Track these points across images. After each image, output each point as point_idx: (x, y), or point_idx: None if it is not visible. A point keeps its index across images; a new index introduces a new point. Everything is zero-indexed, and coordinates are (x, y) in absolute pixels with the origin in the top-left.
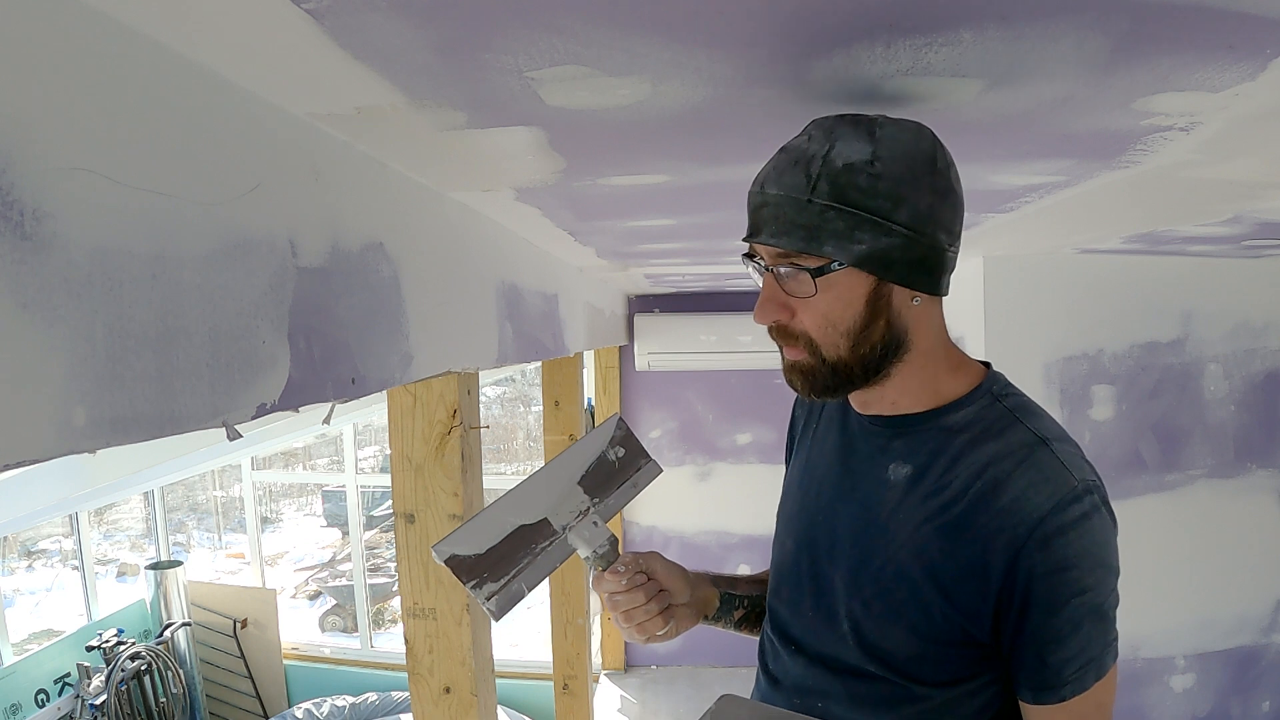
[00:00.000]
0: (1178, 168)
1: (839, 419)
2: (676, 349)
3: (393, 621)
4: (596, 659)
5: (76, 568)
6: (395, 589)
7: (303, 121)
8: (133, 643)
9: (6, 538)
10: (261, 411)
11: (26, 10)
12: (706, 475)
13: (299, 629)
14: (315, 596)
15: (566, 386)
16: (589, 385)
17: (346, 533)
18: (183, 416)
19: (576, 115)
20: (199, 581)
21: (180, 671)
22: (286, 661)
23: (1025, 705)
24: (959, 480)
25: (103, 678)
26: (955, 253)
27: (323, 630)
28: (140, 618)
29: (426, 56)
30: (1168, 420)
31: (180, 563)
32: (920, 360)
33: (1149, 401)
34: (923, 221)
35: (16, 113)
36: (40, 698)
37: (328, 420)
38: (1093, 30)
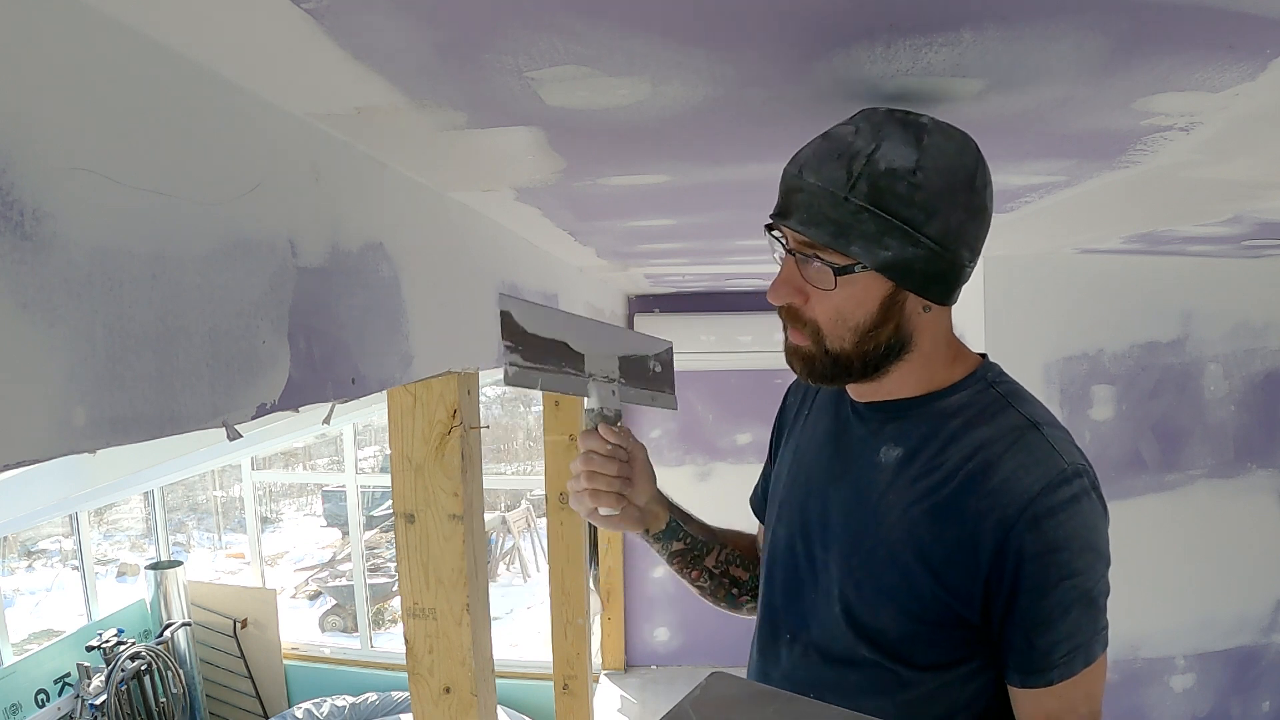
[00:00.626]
0: (1178, 168)
1: (832, 406)
2: (676, 349)
3: (393, 621)
4: (596, 659)
5: (76, 568)
6: (395, 589)
7: (303, 121)
8: (133, 643)
9: (6, 538)
10: (261, 411)
11: (27, 10)
12: (706, 475)
13: (299, 629)
14: (315, 596)
15: None
16: None
17: (346, 533)
18: (183, 416)
19: (576, 115)
20: (199, 581)
21: (180, 671)
22: (286, 661)
23: (1014, 690)
24: (950, 462)
25: (103, 678)
26: (973, 268)
27: (323, 630)
28: (140, 618)
29: (426, 56)
30: (1168, 420)
31: (180, 563)
32: (920, 360)
33: (1149, 401)
34: (951, 238)
35: (16, 113)
36: (40, 698)
37: (328, 420)
38: (1093, 30)
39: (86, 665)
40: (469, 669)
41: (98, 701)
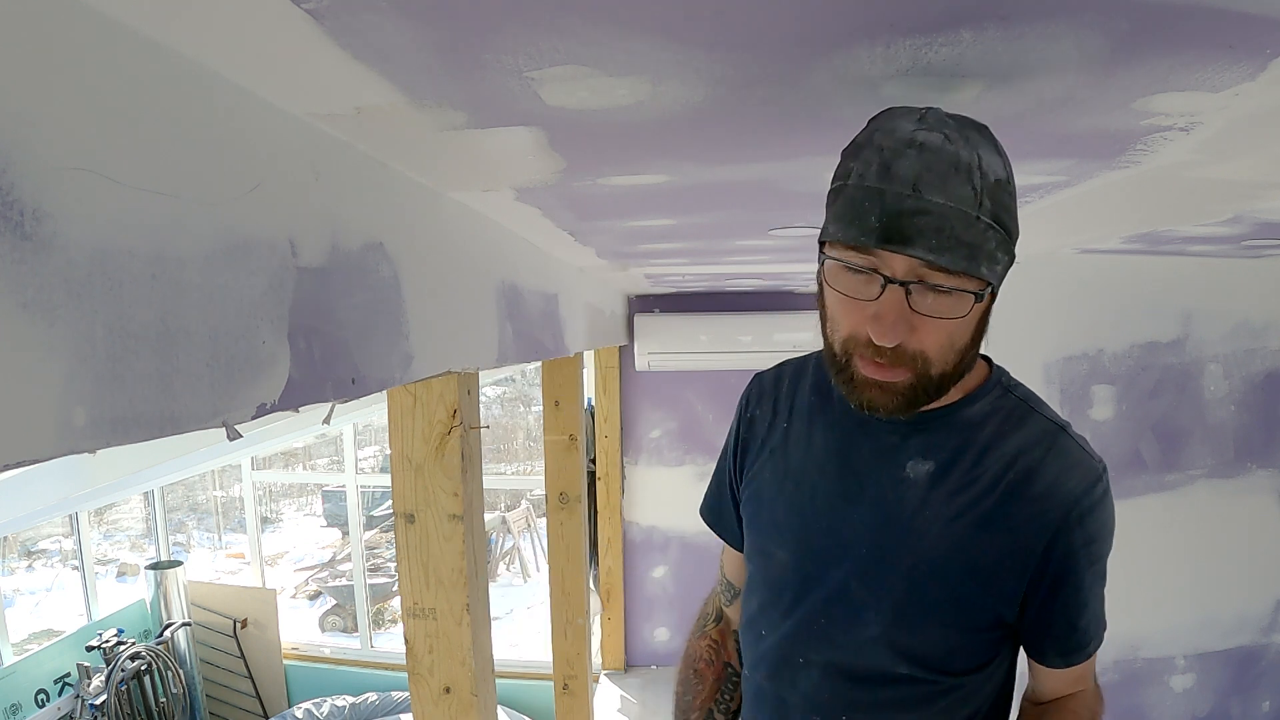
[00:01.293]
0: (1178, 168)
1: (822, 418)
2: (676, 349)
3: (393, 621)
4: (596, 659)
5: (76, 568)
6: (395, 589)
7: (303, 121)
8: (133, 643)
9: (6, 538)
10: (261, 411)
11: (26, 10)
12: (706, 475)
13: (299, 629)
14: (315, 596)
15: (567, 386)
16: (589, 385)
17: (346, 533)
18: (183, 416)
19: (576, 115)
20: (199, 581)
21: (180, 671)
22: (286, 661)
23: (1048, 670)
24: (990, 473)
25: (103, 678)
26: None
27: (323, 630)
28: (140, 618)
29: (426, 56)
30: (1168, 420)
31: (180, 563)
32: None
33: (1149, 401)
34: (1016, 240)
35: (16, 113)
36: (40, 698)
37: (328, 420)
38: (1093, 30)
39: (86, 665)
40: (469, 669)
41: (98, 701)
